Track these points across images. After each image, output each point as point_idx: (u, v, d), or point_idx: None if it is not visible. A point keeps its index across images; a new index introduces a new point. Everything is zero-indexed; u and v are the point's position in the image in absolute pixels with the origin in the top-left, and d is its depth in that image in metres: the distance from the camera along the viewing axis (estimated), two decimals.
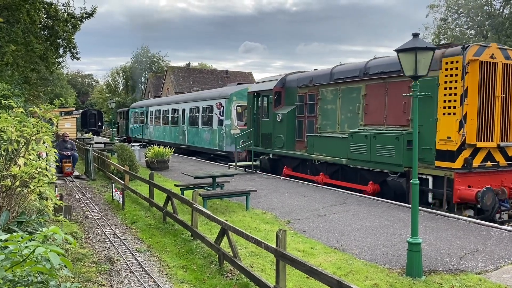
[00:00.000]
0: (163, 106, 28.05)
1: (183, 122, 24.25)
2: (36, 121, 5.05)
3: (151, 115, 30.56)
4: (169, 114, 26.77)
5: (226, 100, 19.73)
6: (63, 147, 16.15)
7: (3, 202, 4.81)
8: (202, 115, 21.75)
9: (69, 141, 16.74)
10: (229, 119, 19.43)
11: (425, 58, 5.56)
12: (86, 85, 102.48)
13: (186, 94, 28.88)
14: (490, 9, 39.18)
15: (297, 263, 4.42)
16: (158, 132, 28.81)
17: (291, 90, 14.94)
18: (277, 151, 15.11)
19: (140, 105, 34.88)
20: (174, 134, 25.66)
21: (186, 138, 23.64)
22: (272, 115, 15.28)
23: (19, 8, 13.20)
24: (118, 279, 5.85)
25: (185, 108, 24.20)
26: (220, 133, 19.68)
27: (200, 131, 21.87)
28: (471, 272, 5.70)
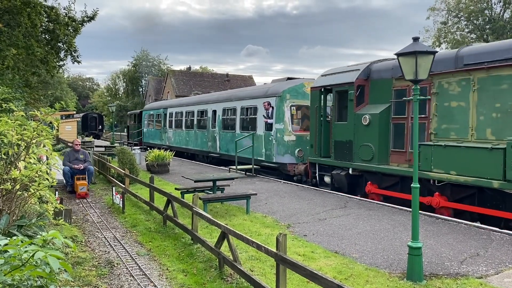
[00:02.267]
0: (186, 108, 23.90)
1: (214, 126, 20.32)
2: (37, 125, 5.06)
3: (170, 118, 26.24)
4: (194, 117, 22.70)
5: (276, 99, 15.51)
6: (74, 158, 12.68)
7: (3, 205, 4.81)
8: (241, 118, 17.79)
9: (81, 150, 13.14)
10: (282, 123, 15.19)
11: (426, 62, 5.57)
12: (87, 88, 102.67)
13: (217, 92, 24.26)
14: (491, 13, 39.27)
15: (298, 267, 4.41)
16: (179, 138, 24.61)
17: (381, 82, 11.19)
18: (362, 166, 11.21)
19: (156, 106, 30.47)
20: (201, 140, 21.62)
21: (218, 145, 19.55)
22: (352, 116, 11.45)
23: (20, 12, 13.25)
24: (118, 283, 5.84)
25: (216, 109, 20.20)
26: (268, 140, 15.62)
27: (239, 137, 17.35)
28: (472, 276, 5.68)
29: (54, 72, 17.46)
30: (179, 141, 24.61)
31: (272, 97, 15.91)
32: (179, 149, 24.06)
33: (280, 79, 17.68)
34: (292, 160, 14.77)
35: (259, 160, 16.15)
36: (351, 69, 12.15)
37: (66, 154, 12.88)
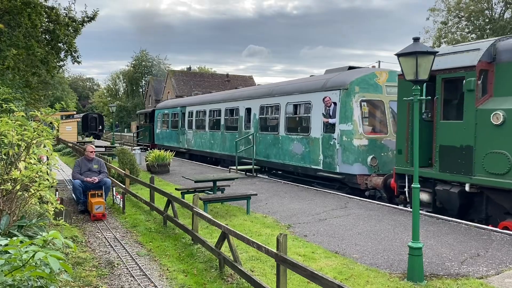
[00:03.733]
0: (210, 105, 20.77)
1: (248, 127, 17.17)
2: (37, 125, 5.06)
3: (189, 117, 23.07)
4: (220, 116, 19.56)
5: (341, 93, 12.24)
6: (87, 168, 10.17)
7: (4, 206, 4.81)
8: (287, 117, 14.68)
9: (96, 158, 10.57)
10: (350, 123, 11.88)
11: (426, 62, 5.57)
12: (87, 89, 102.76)
13: (252, 87, 20.56)
14: (491, 13, 39.27)
15: (298, 268, 4.40)
16: (201, 140, 21.34)
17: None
18: (490, 181, 8.18)
19: (172, 104, 27.06)
20: (230, 143, 18.28)
21: (255, 149, 16.19)
22: (472, 113, 8.48)
23: (20, 12, 13.27)
24: (119, 283, 5.84)
25: (250, 106, 17.06)
26: (329, 145, 12.45)
27: (284, 140, 14.54)
28: (473, 276, 5.68)
29: (54, 72, 17.50)
30: (201, 144, 21.35)
31: (334, 91, 12.54)
32: (201, 153, 21.36)
33: (337, 69, 14.33)
34: (364, 171, 11.63)
35: (312, 168, 13.10)
36: (465, 48, 9.05)
37: (76, 164, 10.29)
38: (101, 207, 9.46)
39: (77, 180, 9.95)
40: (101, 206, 9.46)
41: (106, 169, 10.56)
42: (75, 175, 10.08)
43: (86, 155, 10.37)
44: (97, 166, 10.32)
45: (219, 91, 32.70)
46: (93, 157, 10.39)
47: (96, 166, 10.31)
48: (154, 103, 60.87)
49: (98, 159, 10.61)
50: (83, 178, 9.97)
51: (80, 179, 9.95)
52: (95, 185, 10.00)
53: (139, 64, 74.94)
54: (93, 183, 9.96)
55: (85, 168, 10.15)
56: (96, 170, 10.25)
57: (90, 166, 10.21)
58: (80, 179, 9.96)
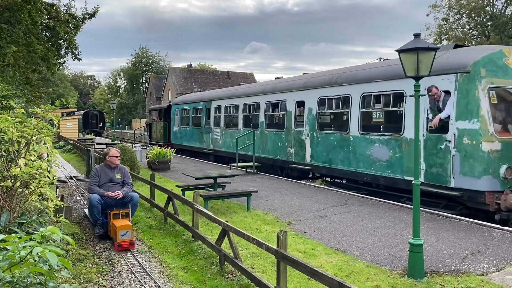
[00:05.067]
0: (245, 99, 17.72)
1: (299, 125, 14.27)
2: (37, 122, 5.05)
3: (216, 113, 20.12)
4: (259, 111, 16.45)
5: (459, 78, 8.99)
6: (107, 179, 7.94)
7: (4, 202, 4.81)
8: (363, 111, 11.41)
9: (119, 166, 8.24)
10: (475, 119, 8.72)
11: (427, 58, 5.54)
12: (88, 86, 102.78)
13: (305, 75, 16.09)
14: (492, 10, 39.14)
15: (298, 264, 4.40)
16: (233, 140, 17.81)
17: None
18: None
19: (193, 98, 23.87)
20: (274, 145, 15.35)
21: (309, 152, 13.38)
22: None
23: (20, 9, 13.24)
24: (119, 280, 5.84)
25: (303, 99, 13.96)
26: (437, 149, 9.31)
27: (358, 141, 11.40)
28: (473, 273, 5.67)
29: (54, 69, 17.49)
30: (232, 145, 17.95)
31: (445, 75, 9.22)
32: (232, 156, 17.69)
33: (444, 46, 11.41)
34: (495, 186, 8.52)
35: (405, 180, 10.03)
36: None
37: (94, 173, 8.05)
38: (129, 233, 7.06)
39: (94, 195, 7.64)
40: (128, 231, 7.07)
41: (131, 179, 8.22)
42: (92, 187, 7.79)
43: (109, 161, 7.99)
44: (120, 176, 7.97)
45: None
46: (117, 163, 8.04)
47: (119, 176, 7.97)
48: (155, 100, 60.90)
49: (121, 167, 8.17)
50: (103, 192, 7.66)
51: (99, 194, 7.66)
52: (118, 202, 7.69)
53: (139, 61, 74.92)
54: (116, 198, 7.66)
55: (105, 179, 7.85)
56: (119, 181, 7.94)
57: (111, 175, 7.91)
58: (99, 193, 7.66)
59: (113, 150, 8.21)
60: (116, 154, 8.10)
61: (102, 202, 7.67)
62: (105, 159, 8.16)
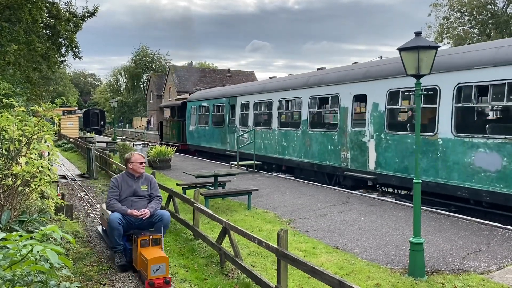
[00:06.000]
0: (281, 94, 15.25)
1: (358, 124, 11.97)
2: (38, 120, 5.05)
3: (243, 110, 17.83)
4: (301, 108, 14.16)
5: None
6: (130, 191, 6.27)
7: (5, 201, 4.81)
8: (460, 107, 9.26)
9: (145, 174, 6.51)
10: None
11: (428, 57, 5.53)
12: (89, 84, 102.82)
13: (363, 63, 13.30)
14: (494, 8, 39.07)
15: (299, 263, 4.40)
16: (265, 141, 15.99)
17: None
18: None
19: (213, 94, 21.42)
20: (321, 148, 13.06)
21: (373, 158, 11.08)
22: None
23: (21, 7, 13.24)
24: (119, 278, 5.84)
25: (365, 93, 11.48)
26: None
27: (452, 146, 9.24)
28: (474, 272, 5.67)
29: (55, 67, 17.49)
30: (264, 147, 16.15)
31: None
32: (264, 159, 15.95)
33: None
34: None
35: None
36: None
37: (113, 184, 6.24)
38: (163, 267, 5.26)
39: (115, 214, 5.91)
40: (163, 265, 5.26)
41: (159, 192, 6.49)
42: (112, 203, 6.06)
43: (131, 169, 6.26)
44: (146, 188, 6.28)
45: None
46: (142, 172, 6.32)
47: (145, 187, 6.28)
48: (155, 99, 60.90)
49: (147, 176, 6.45)
50: (125, 209, 5.94)
51: (121, 212, 5.93)
52: (143, 222, 6.01)
53: (140, 59, 74.92)
54: (142, 218, 5.96)
55: (127, 191, 6.17)
56: (145, 194, 6.26)
57: (135, 187, 6.20)
58: (120, 211, 5.94)
59: (136, 155, 6.33)
60: (140, 160, 6.27)
61: (125, 223, 5.89)
62: (126, 166, 6.36)
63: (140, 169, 6.29)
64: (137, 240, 5.64)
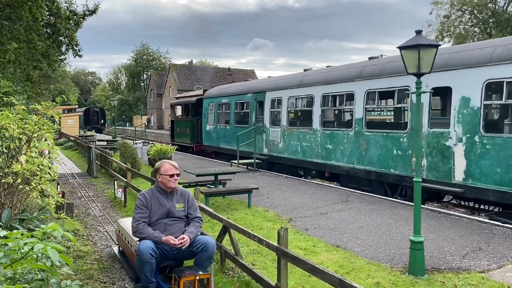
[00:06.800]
0: (324, 88, 13.06)
1: (439, 124, 9.78)
2: (38, 119, 5.06)
3: (274, 108, 15.60)
4: (353, 104, 11.99)
5: None
6: (164, 211, 4.85)
7: (5, 199, 4.82)
8: None
9: (179, 189, 5.08)
10: None
11: (428, 55, 5.52)
12: (89, 83, 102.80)
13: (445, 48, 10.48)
14: (495, 7, 39.02)
15: (299, 261, 4.40)
16: (303, 143, 13.82)
17: None
18: None
19: (235, 90, 19.05)
20: (383, 152, 10.85)
21: (462, 166, 8.99)
22: None
23: (21, 6, 13.23)
24: (120, 276, 5.85)
25: (449, 85, 9.39)
26: None
27: None
28: (474, 270, 5.67)
29: (55, 66, 17.49)
30: (302, 150, 13.91)
31: None
32: (299, 164, 14.21)
33: None
34: None
35: None
36: None
37: (140, 201, 4.93)
38: None
39: (146, 244, 4.55)
40: None
41: (199, 210, 5.13)
42: (141, 228, 4.70)
43: (161, 183, 4.93)
44: (182, 206, 4.95)
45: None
46: (175, 186, 4.96)
47: (181, 206, 4.95)
48: (156, 97, 60.89)
49: (183, 191, 5.09)
50: (159, 236, 4.60)
51: (154, 240, 4.60)
52: (181, 252, 4.70)
53: (140, 58, 74.89)
54: (181, 248, 4.63)
55: (159, 212, 4.82)
56: (182, 215, 4.92)
57: (169, 206, 4.87)
58: (152, 238, 4.61)
59: (167, 165, 4.92)
60: (171, 170, 4.87)
61: (158, 253, 4.58)
62: (156, 179, 5.02)
63: (171, 183, 4.88)
64: (180, 282, 4.35)
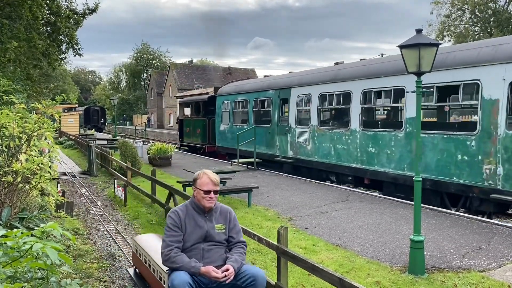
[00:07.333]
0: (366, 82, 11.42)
1: None
2: (38, 117, 5.05)
3: (302, 106, 14.15)
4: (403, 102, 10.70)
5: None
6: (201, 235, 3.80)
7: (5, 198, 4.82)
8: None
9: (220, 206, 4.08)
10: None
11: (429, 54, 5.51)
12: (89, 81, 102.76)
13: None
14: (495, 6, 38.97)
15: (299, 260, 4.40)
16: (336, 145, 12.37)
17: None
18: None
19: (253, 87, 17.74)
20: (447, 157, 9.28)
21: None
22: None
23: (21, 4, 13.22)
24: (120, 275, 5.85)
25: None
26: None
27: None
28: (474, 270, 5.67)
29: (55, 65, 17.48)
30: (335, 153, 12.42)
31: None
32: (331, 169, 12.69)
33: None
34: None
35: None
36: None
37: (170, 223, 3.80)
38: None
39: (181, 276, 3.63)
40: None
41: (241, 233, 4.16)
42: (173, 256, 3.74)
43: (198, 199, 3.95)
44: (222, 228, 3.99)
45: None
46: (213, 203, 3.99)
47: (221, 228, 3.98)
48: (156, 96, 60.87)
49: (223, 208, 4.18)
50: (197, 267, 3.67)
51: (190, 271, 3.67)
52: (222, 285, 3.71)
53: (141, 56, 74.85)
54: (225, 282, 3.66)
55: (196, 235, 3.85)
56: (222, 239, 3.96)
57: (208, 227, 3.90)
58: (188, 269, 3.67)
59: (205, 177, 3.90)
60: (208, 185, 3.86)
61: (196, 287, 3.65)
62: (193, 193, 3.96)
63: (206, 202, 3.82)
64: None
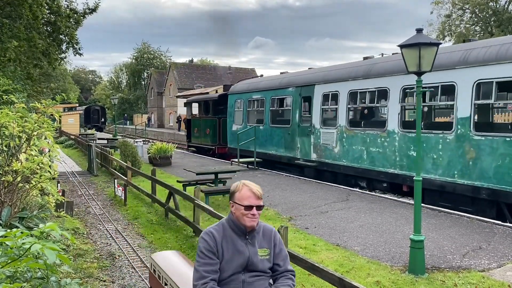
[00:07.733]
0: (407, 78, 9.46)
1: None
2: (38, 117, 5.05)
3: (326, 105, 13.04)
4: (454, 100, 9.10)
5: None
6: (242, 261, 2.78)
7: (5, 197, 4.81)
8: None
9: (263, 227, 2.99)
10: None
11: (429, 53, 5.50)
12: (90, 81, 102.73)
13: None
14: (496, 5, 38.95)
15: (299, 260, 4.39)
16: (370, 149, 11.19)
17: None
18: None
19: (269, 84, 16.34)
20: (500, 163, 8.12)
21: None
22: None
23: (21, 4, 13.21)
24: (120, 275, 5.85)
25: None
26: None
27: None
28: (474, 269, 5.66)
29: (55, 64, 17.48)
30: (370, 157, 11.21)
31: None
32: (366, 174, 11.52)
33: None
34: None
35: None
36: None
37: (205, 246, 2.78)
38: None
39: None
40: None
41: (289, 260, 3.17)
42: None
43: (236, 216, 2.88)
44: (266, 253, 2.93)
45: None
46: (255, 223, 2.89)
47: (265, 253, 2.92)
48: (156, 96, 60.87)
49: (267, 228, 3.07)
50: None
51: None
52: None
53: (141, 56, 74.82)
54: None
55: (235, 262, 2.81)
56: (266, 268, 2.93)
57: (250, 253, 2.85)
58: None
59: (245, 189, 2.90)
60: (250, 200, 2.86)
61: None
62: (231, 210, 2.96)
63: (247, 220, 2.86)
64: None
